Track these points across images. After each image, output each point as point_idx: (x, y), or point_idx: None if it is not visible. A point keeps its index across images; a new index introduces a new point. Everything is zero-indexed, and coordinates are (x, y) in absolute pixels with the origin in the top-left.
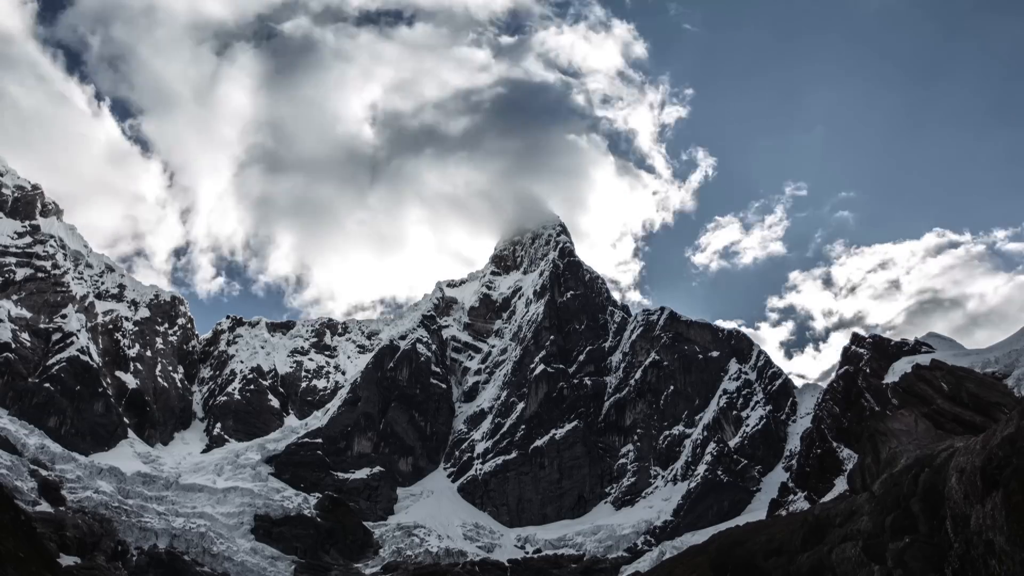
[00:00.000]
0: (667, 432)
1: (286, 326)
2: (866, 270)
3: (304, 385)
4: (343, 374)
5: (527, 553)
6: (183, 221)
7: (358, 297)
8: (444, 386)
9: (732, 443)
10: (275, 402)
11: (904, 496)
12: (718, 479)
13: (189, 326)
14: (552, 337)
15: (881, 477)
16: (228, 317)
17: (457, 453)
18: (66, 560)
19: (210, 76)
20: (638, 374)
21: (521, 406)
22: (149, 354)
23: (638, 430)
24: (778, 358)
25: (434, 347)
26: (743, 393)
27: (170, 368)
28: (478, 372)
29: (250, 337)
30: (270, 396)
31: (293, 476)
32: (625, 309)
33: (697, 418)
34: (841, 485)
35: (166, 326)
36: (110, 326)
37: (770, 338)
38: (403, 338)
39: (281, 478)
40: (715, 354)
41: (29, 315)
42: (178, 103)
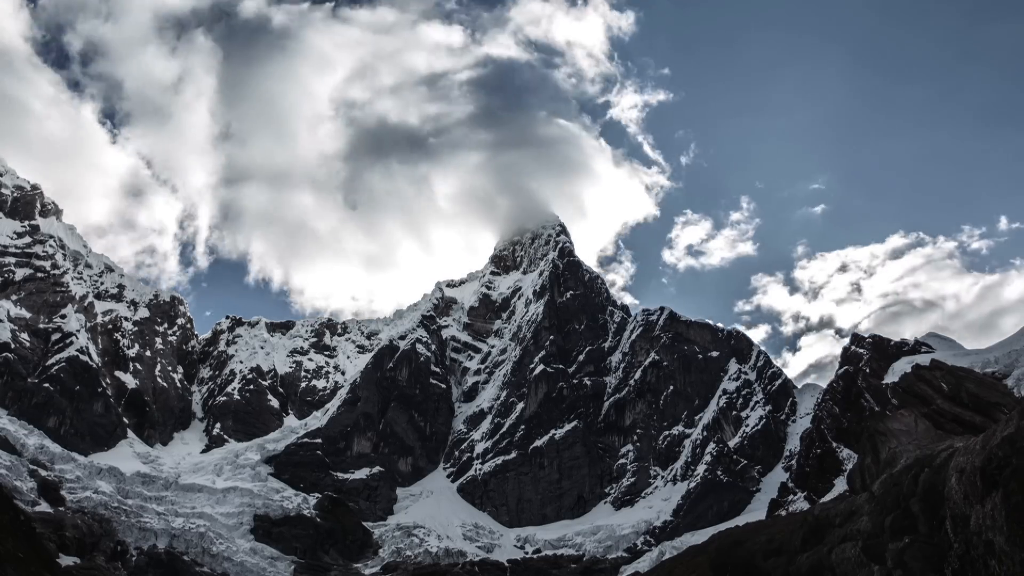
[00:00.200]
0: (667, 432)
1: (285, 326)
2: (829, 273)
3: (303, 385)
4: (342, 374)
5: (527, 553)
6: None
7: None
8: (444, 386)
9: (732, 443)
10: (274, 402)
11: (904, 496)
12: (718, 479)
13: (188, 326)
14: (552, 337)
15: (881, 477)
16: (227, 317)
17: (457, 453)
18: (65, 560)
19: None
20: (638, 374)
21: (521, 406)
22: (148, 354)
23: (638, 430)
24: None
25: (434, 347)
26: (743, 393)
27: (169, 368)
28: (478, 372)
29: (249, 337)
30: (269, 396)
31: (293, 476)
32: (625, 309)
33: (697, 418)
34: (841, 485)
35: (165, 326)
36: (109, 326)
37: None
38: (403, 338)
39: (281, 478)
40: (715, 354)
41: (28, 315)
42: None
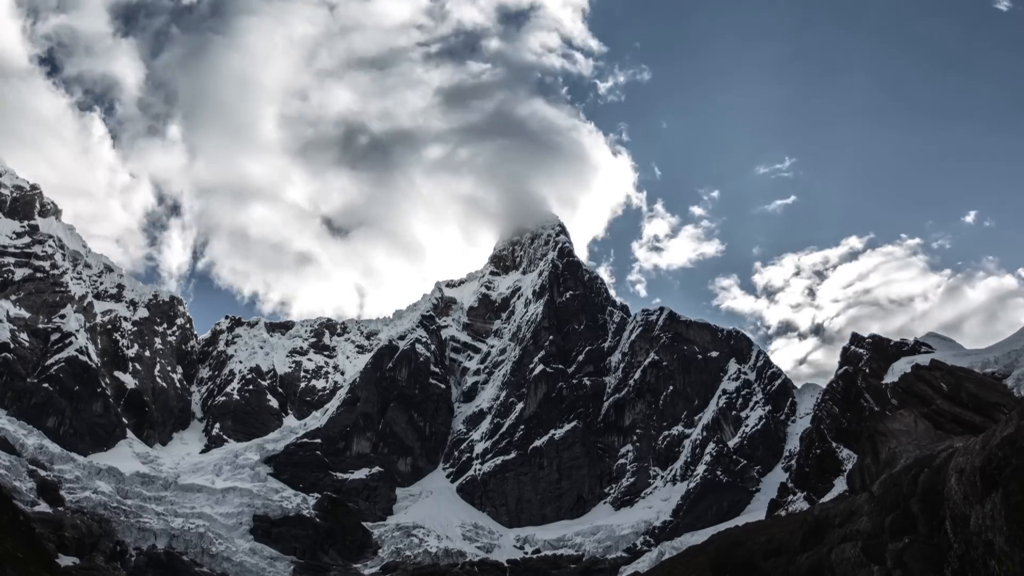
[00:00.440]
0: (666, 432)
1: (285, 326)
2: (786, 276)
3: (303, 385)
4: (342, 374)
5: (526, 553)
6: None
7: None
8: (443, 386)
9: (731, 443)
10: (274, 402)
11: (903, 496)
12: (717, 479)
13: (188, 326)
14: (551, 337)
15: (880, 477)
16: (227, 317)
17: (456, 453)
18: (65, 560)
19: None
20: (637, 374)
21: (520, 406)
22: (148, 354)
23: (637, 430)
24: None
25: (433, 347)
26: (742, 393)
27: (169, 368)
28: (477, 372)
29: (249, 337)
30: (269, 396)
31: (292, 476)
32: (624, 309)
33: (696, 418)
34: (840, 485)
35: (165, 326)
36: (109, 326)
37: None
38: (402, 338)
39: (280, 478)
40: (714, 354)
41: (28, 315)
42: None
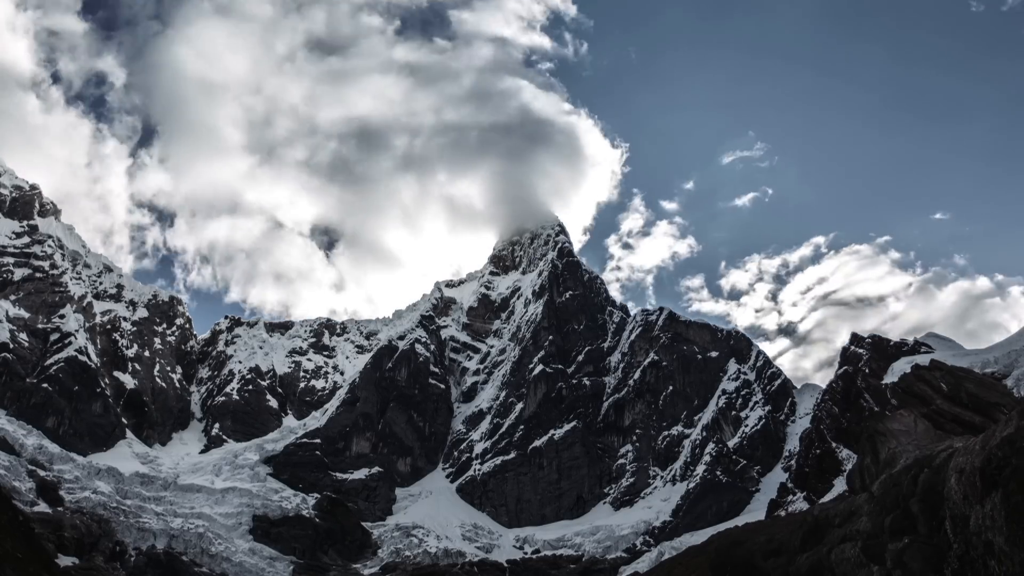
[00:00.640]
0: (666, 432)
1: (284, 326)
2: (751, 279)
3: (302, 385)
4: (341, 374)
5: (526, 554)
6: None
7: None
8: (443, 386)
9: (731, 443)
10: (273, 402)
11: (903, 497)
12: (717, 479)
13: (187, 326)
14: (551, 337)
15: (880, 477)
16: (226, 317)
17: (456, 453)
18: (64, 560)
19: None
20: (637, 374)
21: (520, 406)
22: (147, 354)
23: (637, 430)
24: None
25: (433, 347)
26: (742, 393)
27: (168, 368)
28: (477, 372)
29: (248, 337)
30: (268, 396)
31: (291, 476)
32: (624, 309)
33: (696, 418)
34: (840, 485)
35: (164, 326)
36: (108, 326)
37: None
38: (401, 338)
39: (279, 478)
40: (714, 354)
41: (27, 315)
42: None
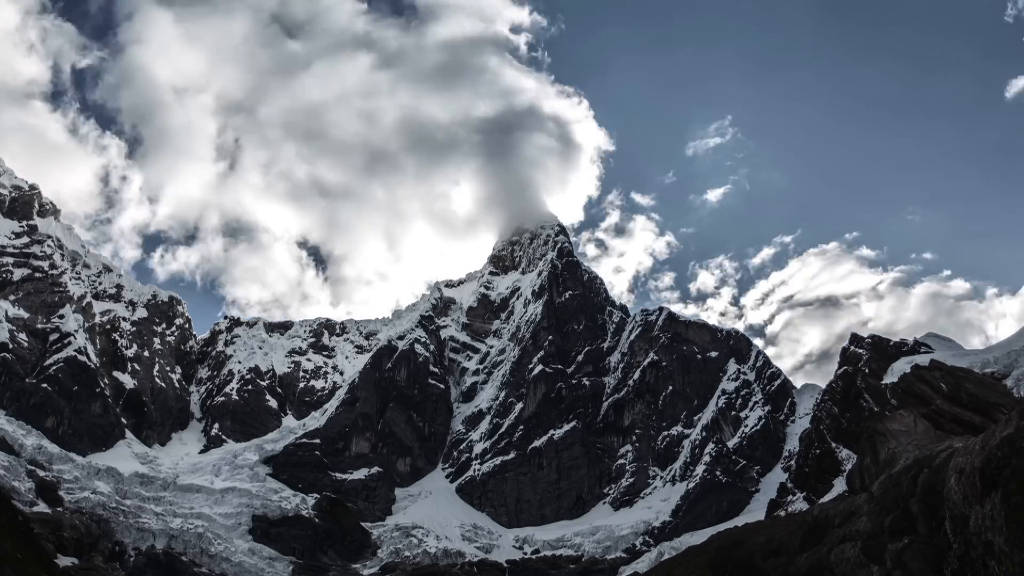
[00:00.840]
0: (666, 432)
1: (284, 326)
2: (717, 281)
3: (302, 385)
4: (341, 374)
5: (525, 554)
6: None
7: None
8: (442, 386)
9: (731, 443)
10: (273, 402)
11: (903, 497)
12: (717, 480)
13: (187, 326)
14: (550, 337)
15: (880, 478)
16: (226, 317)
17: (455, 454)
18: (64, 561)
19: None
20: (636, 374)
21: (519, 406)
22: (147, 354)
23: (637, 430)
24: None
25: (432, 347)
26: (742, 393)
27: (168, 368)
28: (476, 372)
29: (248, 337)
30: (268, 396)
31: (291, 476)
32: (624, 309)
33: (696, 418)
34: (840, 486)
35: (164, 326)
36: (108, 326)
37: None
38: (401, 338)
39: (279, 479)
40: (714, 354)
41: (27, 315)
42: None
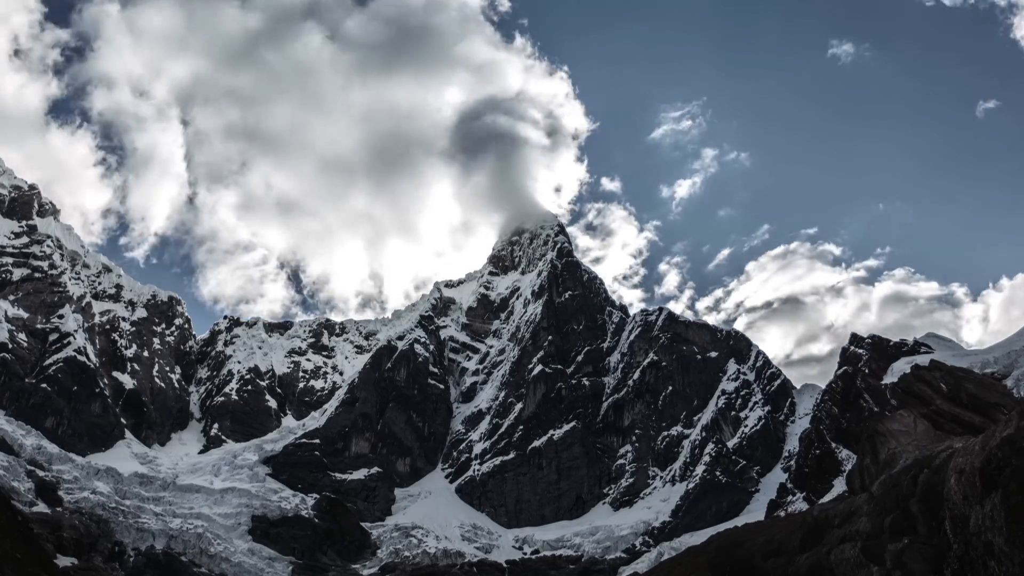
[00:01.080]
0: (665, 433)
1: (283, 326)
2: (680, 280)
3: (301, 386)
4: (340, 374)
5: (525, 554)
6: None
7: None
8: (442, 387)
9: (731, 444)
10: (272, 403)
11: (903, 497)
12: (716, 480)
13: (186, 326)
14: (550, 337)
15: (880, 478)
16: (225, 317)
17: (455, 454)
18: (63, 561)
19: None
20: (636, 374)
21: (519, 407)
22: (146, 354)
23: (636, 431)
24: None
25: (432, 347)
26: (742, 394)
27: (167, 368)
28: (476, 372)
29: (247, 337)
30: (267, 397)
31: (291, 477)
32: (623, 309)
33: (695, 419)
34: (840, 486)
35: (163, 326)
36: (107, 326)
37: None
38: (401, 338)
39: (279, 479)
40: (713, 355)
41: (26, 315)
42: None
